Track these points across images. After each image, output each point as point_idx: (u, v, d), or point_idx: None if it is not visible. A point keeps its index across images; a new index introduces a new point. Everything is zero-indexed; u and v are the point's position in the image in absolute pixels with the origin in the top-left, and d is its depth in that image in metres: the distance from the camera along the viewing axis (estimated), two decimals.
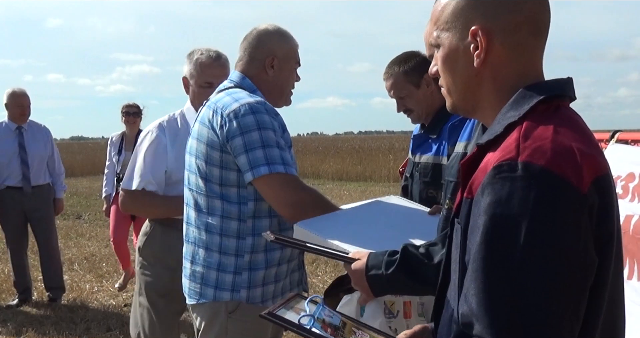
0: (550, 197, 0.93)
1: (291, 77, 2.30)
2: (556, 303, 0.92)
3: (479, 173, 1.03)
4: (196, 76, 2.80)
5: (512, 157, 0.97)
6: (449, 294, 1.14)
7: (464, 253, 1.04)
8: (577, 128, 1.05)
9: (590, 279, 0.96)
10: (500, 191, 0.95)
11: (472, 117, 1.28)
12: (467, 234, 1.03)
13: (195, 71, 2.80)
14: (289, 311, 1.34)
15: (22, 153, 5.31)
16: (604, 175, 1.01)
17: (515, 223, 0.93)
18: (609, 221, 1.00)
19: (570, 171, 0.95)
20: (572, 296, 0.93)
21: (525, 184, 0.94)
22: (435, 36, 1.16)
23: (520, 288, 0.92)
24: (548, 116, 1.05)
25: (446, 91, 1.20)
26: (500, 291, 0.93)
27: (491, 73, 1.11)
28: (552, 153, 0.96)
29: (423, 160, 2.39)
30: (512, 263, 0.93)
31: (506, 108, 1.09)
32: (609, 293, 1.01)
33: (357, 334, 1.35)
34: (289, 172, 2.01)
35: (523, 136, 1.00)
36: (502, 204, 0.95)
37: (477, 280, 0.95)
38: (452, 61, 1.14)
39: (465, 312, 0.96)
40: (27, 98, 5.42)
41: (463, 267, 1.04)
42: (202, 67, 2.79)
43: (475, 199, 1.00)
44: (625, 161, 3.29)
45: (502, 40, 1.09)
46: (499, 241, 0.94)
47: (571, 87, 1.13)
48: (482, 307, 0.93)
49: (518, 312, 0.91)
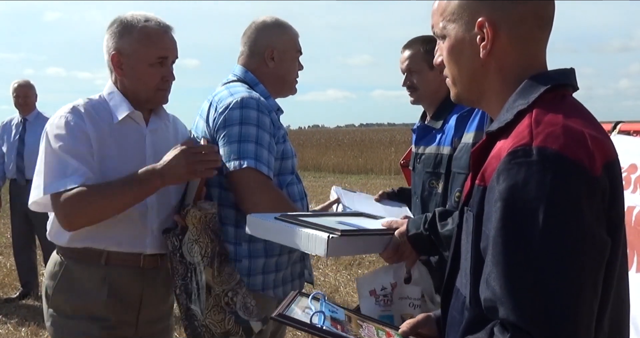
0: (566, 180, 0.96)
1: (292, 66, 2.31)
2: (577, 282, 0.94)
3: (492, 159, 1.05)
4: (141, 51, 2.01)
5: (526, 142, 0.99)
6: (459, 282, 1.15)
7: (478, 240, 1.05)
8: (585, 115, 1.08)
9: (606, 257, 0.99)
10: (516, 176, 0.97)
11: (476, 107, 1.30)
12: (480, 221, 1.05)
13: (141, 44, 2.01)
14: (296, 310, 1.33)
15: (20, 145, 5.31)
16: (613, 160, 1.04)
17: (533, 207, 0.95)
18: (618, 205, 1.03)
19: (583, 155, 0.97)
20: (592, 275, 0.96)
21: (540, 168, 0.96)
22: (441, 27, 1.18)
23: (542, 270, 0.94)
24: (556, 103, 1.07)
25: (451, 82, 1.22)
26: (522, 274, 0.95)
27: (497, 64, 1.13)
28: (565, 138, 0.99)
29: (427, 151, 2.38)
30: (533, 246, 0.94)
31: (514, 97, 1.11)
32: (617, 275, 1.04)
33: (364, 327, 1.35)
34: (259, 168, 2.01)
35: (535, 122, 1.02)
36: (519, 188, 0.96)
37: (498, 265, 0.96)
38: (457, 51, 1.16)
39: (488, 297, 0.98)
40: (28, 88, 5.41)
41: (476, 253, 1.05)
42: (153, 38, 2.02)
43: (490, 186, 1.02)
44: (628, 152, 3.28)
45: (508, 32, 1.11)
46: (518, 225, 0.96)
47: (574, 77, 1.15)
48: (505, 291, 0.95)
49: (541, 293, 0.93)
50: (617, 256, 1.03)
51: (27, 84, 5.43)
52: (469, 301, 1.08)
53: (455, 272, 1.18)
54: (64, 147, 1.94)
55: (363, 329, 1.33)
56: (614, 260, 1.02)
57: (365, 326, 1.36)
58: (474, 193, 1.09)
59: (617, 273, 1.04)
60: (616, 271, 1.04)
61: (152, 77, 2.02)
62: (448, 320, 1.18)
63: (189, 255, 2.00)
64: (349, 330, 1.29)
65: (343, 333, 1.25)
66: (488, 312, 0.98)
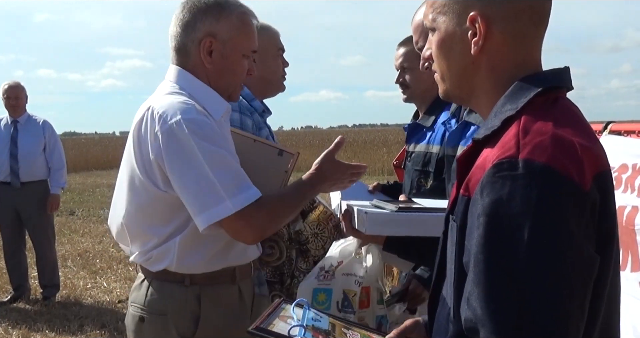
0: (553, 195, 0.90)
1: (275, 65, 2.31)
2: (563, 305, 0.89)
3: (477, 169, 1.00)
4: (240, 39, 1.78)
5: (512, 154, 0.93)
6: (445, 291, 1.11)
7: (461, 253, 1.01)
8: (577, 121, 1.02)
9: (594, 276, 0.93)
10: (500, 191, 0.91)
11: (465, 105, 1.23)
12: (463, 232, 1.00)
13: (240, 31, 1.77)
14: (277, 320, 1.28)
15: (13, 147, 5.26)
16: (605, 171, 0.98)
17: (517, 223, 0.89)
18: (609, 218, 0.97)
19: (572, 168, 0.92)
20: (579, 295, 0.91)
21: (526, 182, 0.90)
22: (430, 19, 1.12)
23: (526, 291, 0.88)
24: (546, 109, 1.01)
25: (439, 77, 1.15)
26: (505, 296, 0.89)
27: (488, 62, 1.07)
28: (553, 149, 0.93)
29: (417, 149, 2.39)
30: (516, 266, 0.89)
31: (503, 101, 1.05)
32: (608, 289, 0.99)
33: (349, 335, 1.31)
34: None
35: (522, 131, 0.96)
36: (503, 204, 0.91)
37: (480, 284, 0.91)
38: (447, 46, 1.10)
39: (469, 317, 0.93)
40: (19, 90, 5.37)
41: (459, 266, 1.01)
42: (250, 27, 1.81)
43: (474, 199, 0.97)
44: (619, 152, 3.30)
45: (501, 28, 1.05)
46: (501, 243, 0.91)
47: (568, 77, 1.09)
48: (487, 312, 0.89)
49: (525, 316, 0.88)
50: (608, 272, 0.97)
51: (18, 86, 5.39)
52: (452, 314, 1.03)
53: (441, 279, 1.13)
54: (227, 153, 1.68)
55: (348, 337, 1.29)
56: (604, 277, 0.97)
57: (350, 334, 1.31)
58: (458, 203, 1.03)
59: (608, 290, 0.99)
60: (606, 288, 0.98)
61: (243, 69, 1.81)
62: (435, 326, 1.14)
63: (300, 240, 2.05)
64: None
65: None
66: (468, 332, 0.93)
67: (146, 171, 1.68)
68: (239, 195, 1.64)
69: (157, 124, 1.63)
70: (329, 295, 1.87)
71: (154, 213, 1.72)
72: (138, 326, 1.79)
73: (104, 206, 10.66)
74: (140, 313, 1.79)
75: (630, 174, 3.05)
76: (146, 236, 1.75)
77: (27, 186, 5.28)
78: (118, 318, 4.76)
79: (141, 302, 1.79)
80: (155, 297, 1.77)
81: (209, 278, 1.77)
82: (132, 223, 1.76)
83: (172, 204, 1.67)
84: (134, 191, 1.72)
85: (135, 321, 1.80)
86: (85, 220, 9.91)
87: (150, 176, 1.67)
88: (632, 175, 3.04)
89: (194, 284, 1.76)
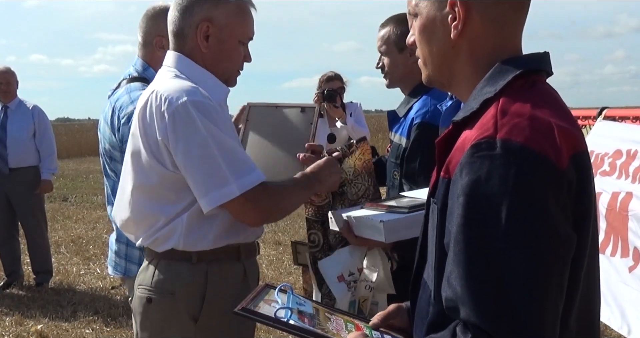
0: (530, 175, 0.92)
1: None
2: (542, 282, 0.90)
3: (456, 151, 1.01)
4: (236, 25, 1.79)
5: (490, 134, 0.95)
6: (426, 274, 1.12)
7: (442, 235, 1.02)
8: (555, 103, 1.04)
9: (571, 254, 0.95)
10: (479, 170, 0.94)
11: (447, 90, 1.25)
12: (444, 215, 1.01)
13: (237, 18, 1.79)
14: (262, 303, 1.29)
15: (1, 133, 5.22)
16: (582, 151, 1.00)
17: (495, 202, 0.91)
18: (585, 197, 0.99)
19: (549, 148, 0.94)
20: (557, 273, 0.92)
21: (504, 161, 0.93)
22: (413, 4, 1.13)
23: (505, 269, 0.90)
24: (525, 91, 1.03)
25: (422, 62, 1.17)
26: (484, 274, 0.91)
27: (468, 46, 1.09)
28: (530, 129, 0.95)
29: (394, 139, 2.27)
30: (495, 244, 0.91)
31: (482, 84, 1.06)
32: (585, 269, 1.00)
33: (332, 320, 1.31)
34: None
35: (500, 112, 0.98)
36: (481, 183, 0.93)
37: (460, 264, 0.93)
38: (429, 31, 1.11)
39: (449, 296, 0.94)
40: (10, 75, 5.31)
41: (440, 248, 1.02)
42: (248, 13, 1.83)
43: (453, 180, 0.98)
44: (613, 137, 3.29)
45: (481, 12, 1.06)
46: (480, 222, 0.93)
47: (548, 61, 1.10)
48: (467, 291, 0.91)
49: (504, 294, 0.90)
50: (585, 250, 0.99)
51: (9, 71, 5.33)
52: (433, 296, 1.04)
53: (423, 263, 1.14)
54: (230, 137, 1.70)
55: (331, 322, 1.29)
56: (581, 255, 0.98)
57: (333, 319, 1.32)
58: (439, 186, 1.05)
59: (586, 268, 1.00)
60: (583, 267, 0.99)
61: (239, 55, 1.83)
62: (416, 310, 1.16)
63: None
64: (316, 324, 1.25)
65: (310, 328, 1.21)
66: (449, 311, 0.95)
67: (153, 152, 1.68)
68: (243, 177, 1.65)
69: (163, 105, 1.64)
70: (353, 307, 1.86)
71: (162, 192, 1.72)
72: (145, 308, 1.78)
73: (97, 192, 10.63)
74: (147, 295, 1.78)
75: (625, 160, 3.05)
76: (154, 217, 1.75)
77: (16, 172, 5.24)
78: (111, 305, 4.76)
79: (148, 283, 1.78)
80: (162, 277, 1.76)
81: (215, 255, 1.76)
82: (140, 206, 1.76)
83: (181, 184, 1.68)
84: (142, 174, 1.72)
85: (142, 303, 1.79)
86: (78, 206, 9.88)
87: (158, 157, 1.68)
88: (626, 161, 3.04)
89: (200, 262, 1.75)
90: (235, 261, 1.82)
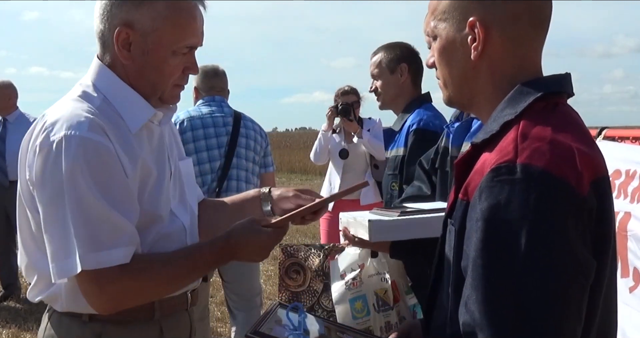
0: (551, 200, 0.90)
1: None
2: (560, 310, 0.89)
3: (475, 174, 1.00)
4: (166, 32, 1.42)
5: (511, 159, 0.94)
6: (443, 294, 1.11)
7: (459, 257, 1.00)
8: (576, 127, 1.02)
9: (590, 281, 0.94)
10: (499, 195, 0.92)
11: (467, 111, 1.24)
12: (462, 237, 1.00)
13: (167, 22, 1.42)
14: (274, 325, 1.26)
15: (1, 145, 5.23)
16: (603, 177, 0.98)
17: (515, 228, 0.90)
18: (606, 223, 0.97)
19: (570, 173, 0.92)
20: (575, 300, 0.91)
21: (524, 187, 0.91)
22: (432, 26, 1.13)
23: (524, 296, 0.89)
24: (546, 114, 1.01)
25: (442, 84, 1.16)
26: (502, 300, 0.90)
27: (489, 66, 1.08)
28: (551, 154, 0.93)
29: (391, 155, 2.50)
30: (514, 270, 0.90)
31: (502, 105, 1.05)
32: (604, 293, 0.99)
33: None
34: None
35: (521, 136, 0.97)
36: (501, 208, 0.92)
37: (478, 289, 0.92)
38: (448, 52, 1.11)
39: (467, 321, 0.93)
40: (10, 89, 5.35)
41: (457, 271, 1.01)
42: (185, 16, 1.43)
43: (472, 203, 0.97)
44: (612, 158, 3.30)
45: (500, 31, 1.05)
46: (499, 248, 0.91)
47: (569, 83, 1.09)
48: (485, 317, 0.90)
49: (522, 320, 0.89)
50: (604, 277, 0.98)
51: (10, 86, 5.37)
52: (449, 317, 1.03)
53: (439, 281, 1.14)
54: (104, 193, 1.31)
55: None
56: (600, 282, 0.97)
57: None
58: (457, 207, 1.03)
59: (604, 295, 0.99)
60: (602, 293, 0.98)
61: (173, 68, 1.42)
62: (431, 331, 1.15)
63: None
64: None
65: None
66: (466, 336, 0.93)
67: (23, 194, 1.42)
68: (93, 253, 1.29)
69: (40, 137, 1.34)
70: (364, 301, 1.85)
71: (40, 244, 1.38)
72: None
73: None
74: None
75: (624, 180, 3.06)
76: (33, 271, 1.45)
77: (16, 185, 5.20)
78: None
79: (40, 336, 1.51)
80: (52, 332, 1.47)
81: (115, 314, 1.40)
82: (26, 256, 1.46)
83: None
84: (21, 218, 1.45)
85: None
86: None
87: (30, 200, 1.39)
88: (625, 181, 3.05)
89: (93, 321, 1.42)
90: (146, 321, 1.47)
